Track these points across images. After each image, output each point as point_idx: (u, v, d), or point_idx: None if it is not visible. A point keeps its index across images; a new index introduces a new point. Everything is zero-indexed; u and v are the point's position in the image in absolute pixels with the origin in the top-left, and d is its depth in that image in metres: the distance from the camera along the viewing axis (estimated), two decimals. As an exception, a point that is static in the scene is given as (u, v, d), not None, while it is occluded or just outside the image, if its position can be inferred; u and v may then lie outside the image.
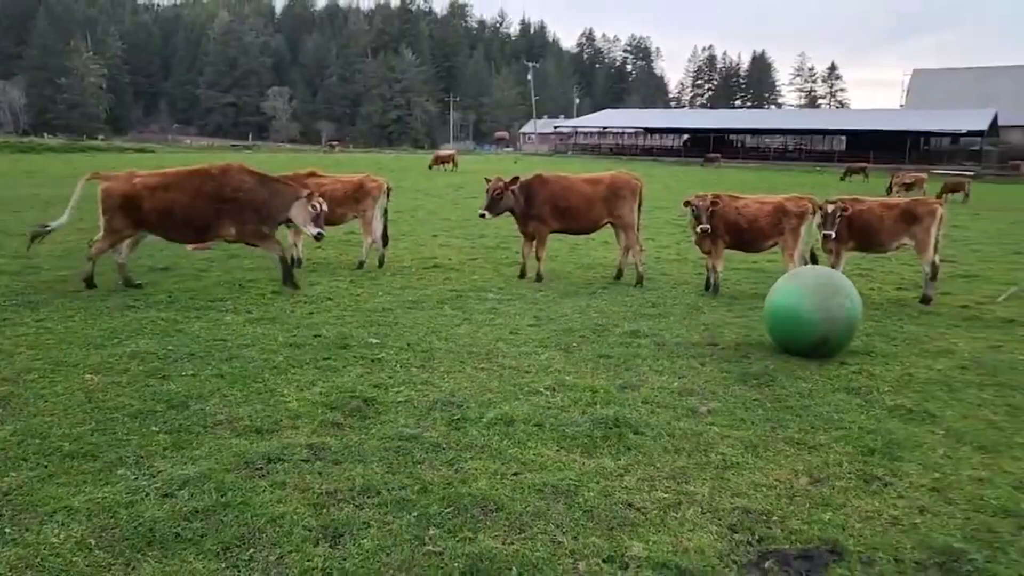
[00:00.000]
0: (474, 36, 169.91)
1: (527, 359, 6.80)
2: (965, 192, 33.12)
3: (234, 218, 8.93)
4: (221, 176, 8.96)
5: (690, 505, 4.11)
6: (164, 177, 8.97)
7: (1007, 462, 4.85)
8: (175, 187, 8.85)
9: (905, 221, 10.17)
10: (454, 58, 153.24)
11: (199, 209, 8.83)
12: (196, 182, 8.92)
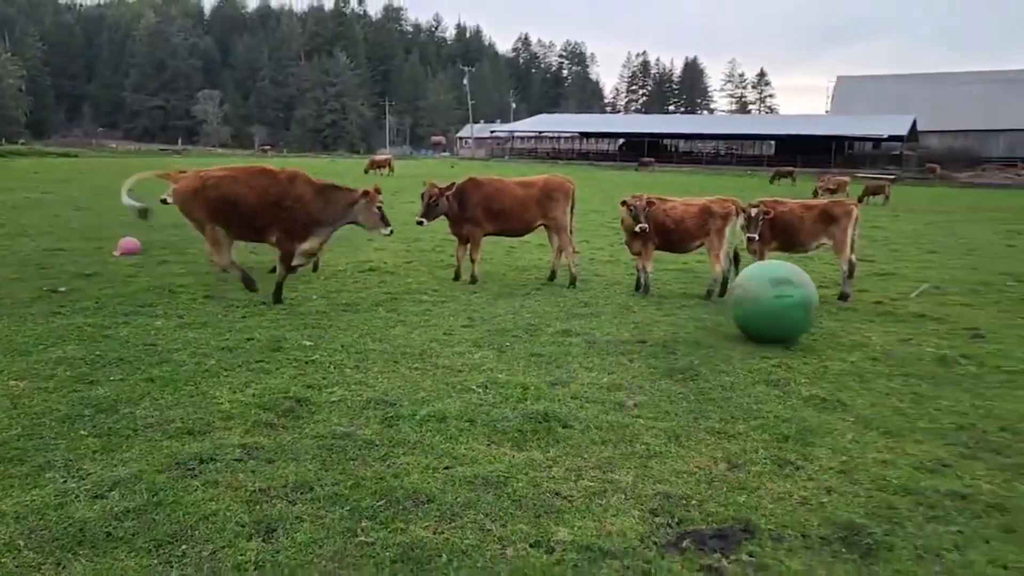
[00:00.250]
0: (409, 40, 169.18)
1: (460, 358, 6.92)
2: (885, 194, 34.52)
3: (284, 227, 8.78)
4: (288, 184, 8.80)
5: (615, 492, 4.29)
6: (230, 170, 8.99)
7: (910, 445, 5.18)
8: (242, 182, 8.77)
9: (823, 222, 10.64)
10: (389, 62, 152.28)
11: (262, 210, 8.71)
12: (263, 182, 8.81)
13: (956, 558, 3.70)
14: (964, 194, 47.21)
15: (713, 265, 10.37)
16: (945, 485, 4.50)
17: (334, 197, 8.91)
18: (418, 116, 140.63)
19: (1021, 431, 5.51)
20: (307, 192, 8.79)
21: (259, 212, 8.67)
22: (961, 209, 32.33)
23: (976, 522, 4.07)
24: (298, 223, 8.75)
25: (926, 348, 7.94)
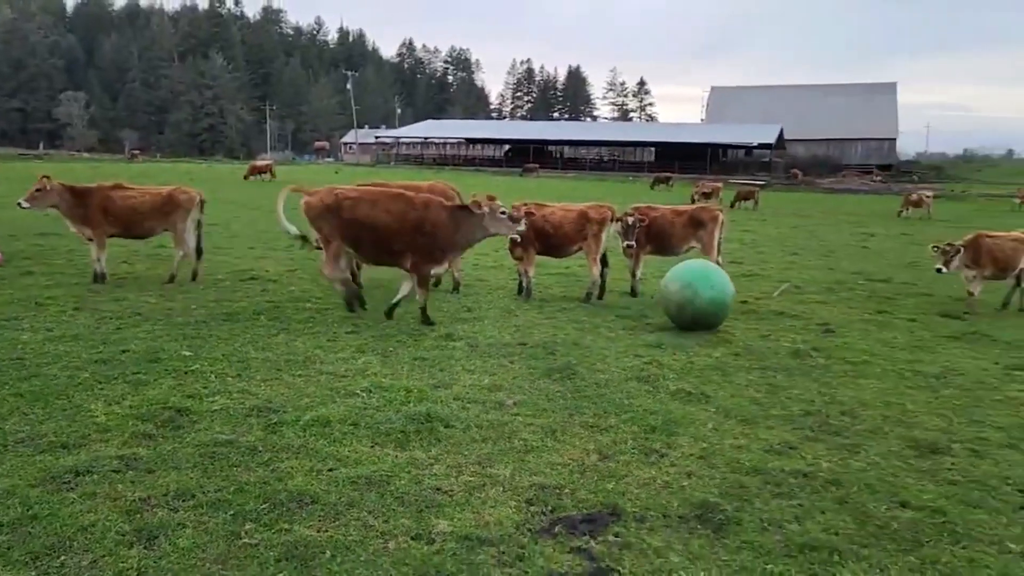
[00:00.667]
0: (290, 43, 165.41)
1: (344, 364, 7.01)
2: (755, 200, 36.45)
3: (422, 252, 8.71)
4: (424, 209, 8.74)
5: (493, 485, 4.53)
6: (365, 192, 9.02)
7: (762, 431, 5.66)
8: (379, 206, 8.74)
9: (692, 226, 11.30)
10: (269, 65, 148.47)
11: (400, 235, 8.66)
12: (401, 207, 8.76)
13: (796, 528, 4.12)
14: (826, 199, 50.36)
15: (591, 268, 10.81)
16: (791, 465, 4.98)
17: (466, 219, 8.84)
18: (300, 121, 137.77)
19: (859, 415, 6.11)
20: (442, 217, 8.76)
21: (396, 237, 8.65)
22: (822, 213, 34.52)
23: (815, 496, 4.54)
24: (436, 247, 8.75)
25: (783, 342, 8.59)
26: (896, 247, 20.40)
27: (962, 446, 5.47)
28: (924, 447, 5.41)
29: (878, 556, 3.87)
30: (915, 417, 6.11)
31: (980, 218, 32.19)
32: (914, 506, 4.41)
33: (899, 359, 8.02)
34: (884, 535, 4.08)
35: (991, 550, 3.96)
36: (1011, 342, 8.96)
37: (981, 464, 5.15)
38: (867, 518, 4.26)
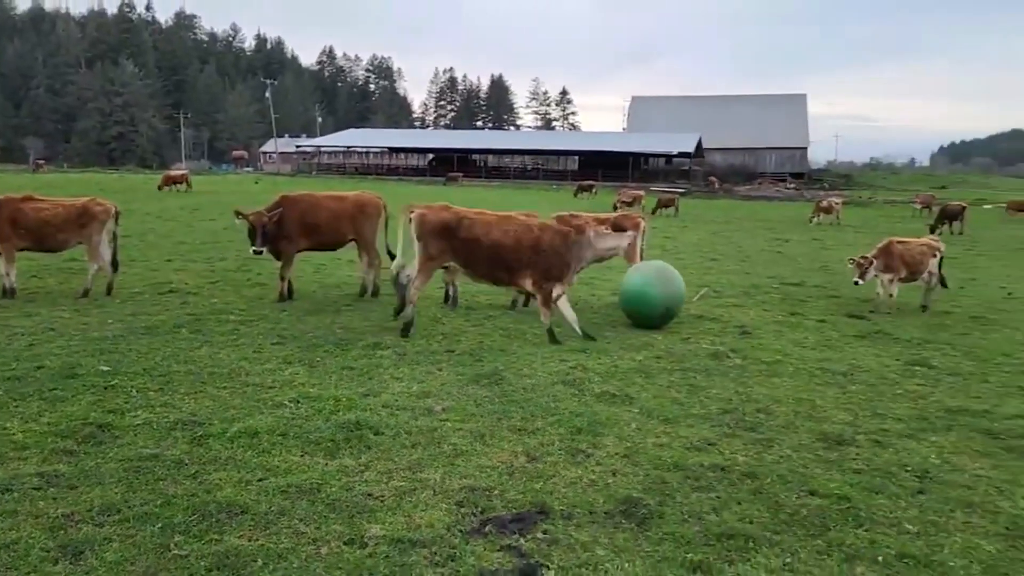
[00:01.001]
0: (205, 49, 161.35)
1: (271, 376, 6.97)
2: (675, 207, 37.39)
3: (541, 271, 8.87)
4: (540, 231, 8.99)
5: (424, 489, 4.61)
6: (482, 214, 9.22)
7: (683, 429, 5.89)
8: (496, 227, 8.96)
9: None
10: (183, 72, 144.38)
11: (519, 255, 8.85)
12: (517, 228, 9.00)
13: (714, 518, 4.34)
14: (743, 206, 51.96)
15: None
16: (709, 460, 5.21)
17: (577, 240, 9.09)
18: (217, 129, 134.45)
19: (773, 411, 6.42)
20: (557, 238, 8.98)
21: (515, 256, 8.82)
22: (739, 219, 35.64)
23: (732, 488, 4.77)
24: (553, 267, 8.92)
25: (702, 345, 8.91)
26: (808, 252, 21.25)
27: (866, 437, 5.81)
28: (832, 439, 5.73)
29: (789, 541, 4.11)
30: (824, 412, 6.46)
31: (885, 223, 33.84)
32: (822, 494, 4.69)
33: (810, 358, 8.42)
34: (795, 522, 4.33)
35: (891, 531, 4.25)
36: (911, 340, 9.50)
37: (883, 453, 5.49)
38: (779, 507, 4.51)
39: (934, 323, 10.76)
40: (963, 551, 4.06)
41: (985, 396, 7.11)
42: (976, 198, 62.15)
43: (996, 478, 5.09)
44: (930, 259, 11.55)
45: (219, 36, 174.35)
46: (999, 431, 6.03)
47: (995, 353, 8.91)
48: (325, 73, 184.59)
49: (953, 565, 3.91)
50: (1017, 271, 17.50)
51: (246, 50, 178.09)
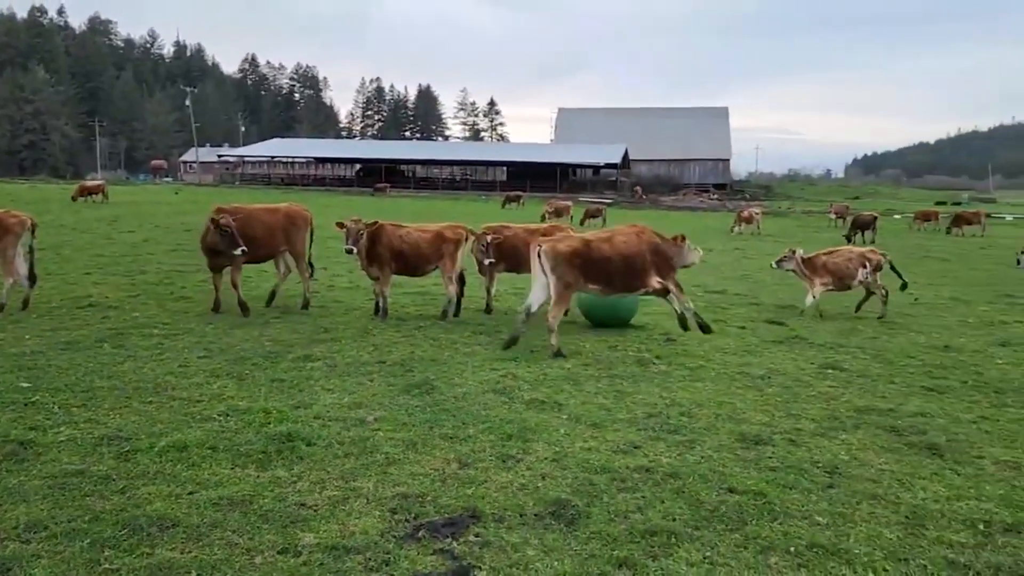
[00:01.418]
0: (121, 56, 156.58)
1: (199, 390, 6.90)
2: (602, 217, 38.04)
3: (662, 268, 9.67)
4: (649, 234, 9.85)
5: (357, 498, 4.67)
6: (603, 232, 10.11)
7: (610, 433, 6.09)
8: (615, 239, 9.58)
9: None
10: (98, 78, 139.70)
11: (641, 258, 9.53)
12: (631, 234, 9.73)
13: (639, 517, 4.52)
14: (668, 216, 53.14)
15: (447, 287, 11.07)
16: (635, 462, 5.41)
17: (673, 247, 9.98)
18: (135, 138, 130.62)
19: (695, 414, 6.67)
20: (665, 242, 9.91)
21: (640, 260, 9.54)
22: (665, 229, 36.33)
23: (656, 488, 4.97)
24: (669, 262, 9.80)
25: (629, 352, 9.17)
26: (730, 261, 21.95)
27: (781, 437, 6.11)
28: (750, 439, 6.01)
29: (709, 536, 4.32)
30: (743, 413, 6.75)
31: (802, 232, 35.13)
32: (740, 491, 4.94)
33: (731, 363, 8.76)
34: (714, 517, 4.56)
35: (803, 523, 4.51)
36: (824, 344, 9.97)
37: (797, 451, 5.79)
38: (700, 504, 4.73)
39: (847, 328, 11.28)
40: (867, 539, 4.34)
41: (891, 396, 7.53)
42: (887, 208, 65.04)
43: (899, 471, 5.43)
44: (858, 268, 12.15)
45: (136, 42, 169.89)
46: (902, 428, 6.41)
47: (901, 356, 9.41)
48: (248, 81, 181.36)
49: (858, 552, 4.18)
50: (923, 278, 18.41)
51: (165, 57, 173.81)
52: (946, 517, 4.69)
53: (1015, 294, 15.42)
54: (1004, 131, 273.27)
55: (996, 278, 18.69)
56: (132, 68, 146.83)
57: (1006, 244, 28.99)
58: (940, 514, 4.73)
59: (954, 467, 5.58)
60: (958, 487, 5.18)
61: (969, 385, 8.04)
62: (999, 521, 4.64)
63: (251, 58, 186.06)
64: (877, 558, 4.14)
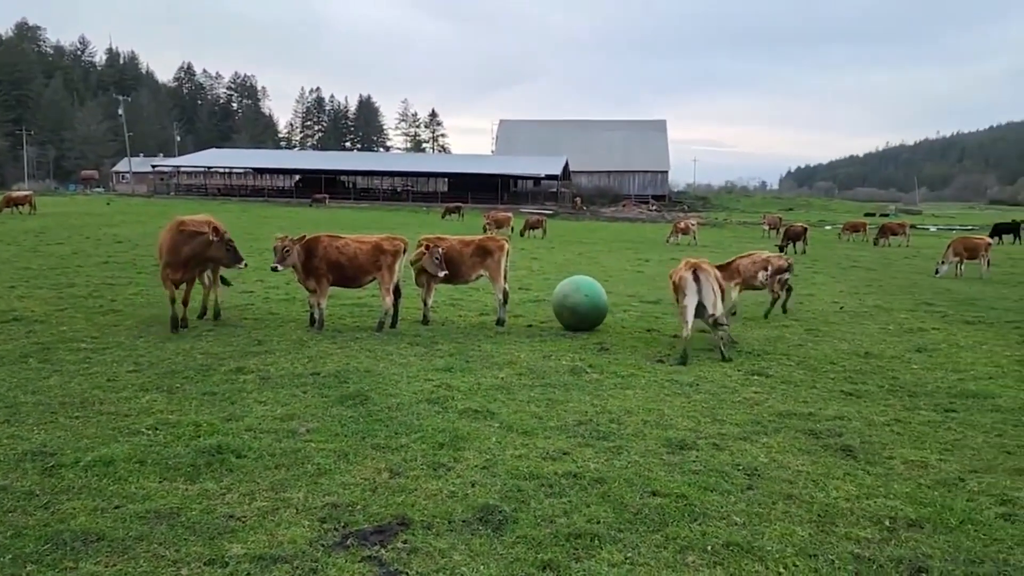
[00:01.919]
0: (50, 63, 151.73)
1: (127, 404, 6.81)
2: (543, 228, 38.36)
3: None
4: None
5: (286, 508, 4.70)
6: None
7: (540, 441, 6.22)
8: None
9: (480, 255, 11.91)
10: (25, 86, 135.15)
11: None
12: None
13: (564, 521, 4.66)
14: (607, 227, 53.88)
15: (384, 298, 11.10)
16: (563, 468, 5.55)
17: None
18: (64, 148, 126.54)
19: (624, 421, 6.85)
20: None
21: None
22: (604, 240, 36.96)
23: (582, 493, 5.12)
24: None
25: (562, 361, 9.33)
26: (667, 271, 22.27)
27: (706, 441, 6.33)
28: (675, 444, 6.21)
29: (631, 538, 4.47)
30: (671, 420, 6.96)
31: (737, 243, 35.95)
32: (663, 494, 5.11)
33: (661, 371, 8.99)
34: (637, 520, 4.72)
35: (720, 524, 4.70)
36: (752, 351, 10.30)
37: (719, 455, 6.00)
38: (624, 507, 4.89)
39: (774, 336, 11.66)
40: (781, 537, 4.55)
41: (811, 400, 7.84)
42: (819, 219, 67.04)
43: (814, 472, 5.68)
44: (760, 271, 12.95)
45: (67, 49, 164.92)
46: (820, 431, 6.70)
47: (824, 362, 9.78)
48: (184, 90, 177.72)
49: (771, 550, 4.38)
50: (850, 287, 19.10)
51: (97, 65, 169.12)
52: (855, 514, 4.94)
53: (933, 302, 16.11)
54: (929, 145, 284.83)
55: (917, 286, 19.48)
56: (62, 76, 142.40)
57: (928, 254, 30.20)
58: (850, 512, 4.98)
59: (866, 467, 5.86)
60: (868, 486, 5.45)
61: (885, 389, 8.41)
62: (904, 517, 4.91)
63: (187, 67, 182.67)
64: (788, 554, 4.34)
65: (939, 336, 11.92)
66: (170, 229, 10.45)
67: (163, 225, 10.95)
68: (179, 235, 10.28)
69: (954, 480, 5.60)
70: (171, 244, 10.30)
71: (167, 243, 10.37)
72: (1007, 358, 10.20)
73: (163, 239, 10.49)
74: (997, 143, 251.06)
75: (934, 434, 6.75)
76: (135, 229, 30.68)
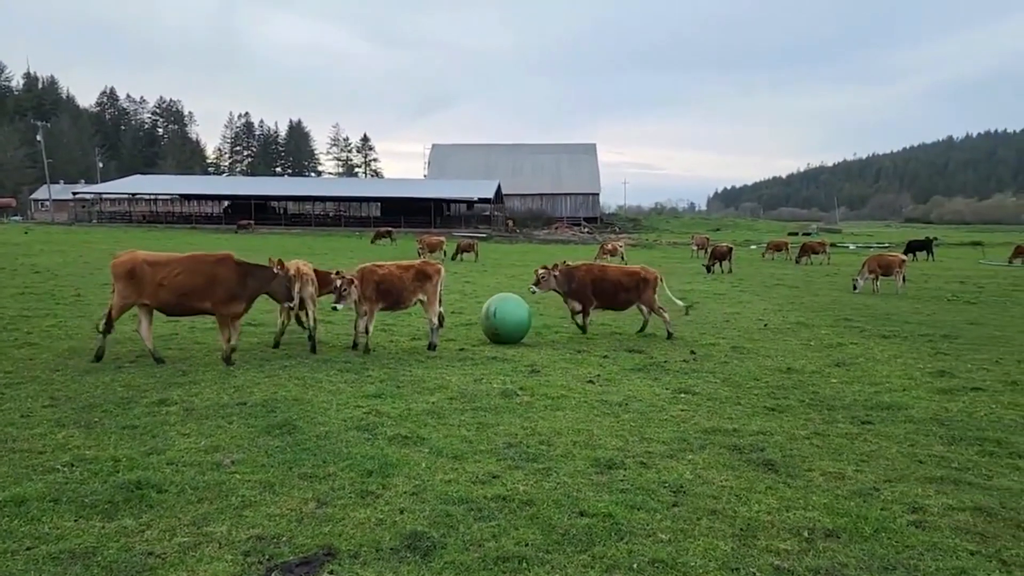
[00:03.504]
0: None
1: (42, 440, 6.57)
2: (475, 251, 38.47)
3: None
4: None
5: (209, 543, 4.59)
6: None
7: (470, 465, 6.22)
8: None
9: (419, 280, 11.89)
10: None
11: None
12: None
13: (493, 544, 4.67)
14: (540, 249, 54.29)
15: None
16: (492, 491, 5.56)
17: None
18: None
19: (554, 442, 6.91)
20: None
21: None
22: (538, 262, 36.93)
23: (511, 516, 5.14)
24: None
25: (494, 384, 9.36)
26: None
27: (634, 460, 6.43)
28: (604, 464, 6.29)
29: (559, 559, 4.51)
30: (599, 440, 7.04)
31: (667, 263, 36.66)
32: (590, 514, 5.17)
33: (591, 391, 9.10)
34: (565, 541, 4.76)
35: (647, 541, 4.78)
36: (679, 370, 10.51)
37: (647, 473, 6.10)
38: (552, 528, 4.93)
39: (702, 354, 11.93)
40: (704, 552, 4.65)
41: (736, 417, 8.04)
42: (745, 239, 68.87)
43: (737, 487, 5.82)
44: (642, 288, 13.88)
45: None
46: (744, 446, 6.88)
47: (748, 378, 10.05)
48: (106, 115, 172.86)
49: (695, 565, 4.47)
50: (774, 305, 19.67)
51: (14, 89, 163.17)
52: (776, 527, 5.08)
53: (852, 318, 16.72)
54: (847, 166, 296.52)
55: (837, 303, 20.18)
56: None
57: (848, 271, 31.29)
58: (771, 524, 5.12)
59: (787, 480, 6.04)
60: (788, 499, 5.62)
61: (806, 403, 8.68)
62: (821, 528, 5.07)
63: (110, 91, 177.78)
64: (712, 569, 4.44)
65: (857, 350, 12.37)
66: (221, 262, 10.41)
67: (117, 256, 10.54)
68: (237, 268, 10.38)
69: (869, 490, 5.81)
70: (237, 279, 10.31)
71: (227, 278, 10.30)
72: (920, 370, 10.65)
73: (219, 275, 10.29)
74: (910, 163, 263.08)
75: (851, 446, 7.00)
76: (54, 259, 29.61)
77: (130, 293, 10.12)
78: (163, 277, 10.10)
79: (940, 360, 11.50)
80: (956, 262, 42.01)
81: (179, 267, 10.23)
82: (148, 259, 10.25)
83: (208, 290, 10.19)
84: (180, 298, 10.19)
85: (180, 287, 10.14)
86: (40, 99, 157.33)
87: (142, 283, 10.08)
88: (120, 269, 10.19)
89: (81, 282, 20.94)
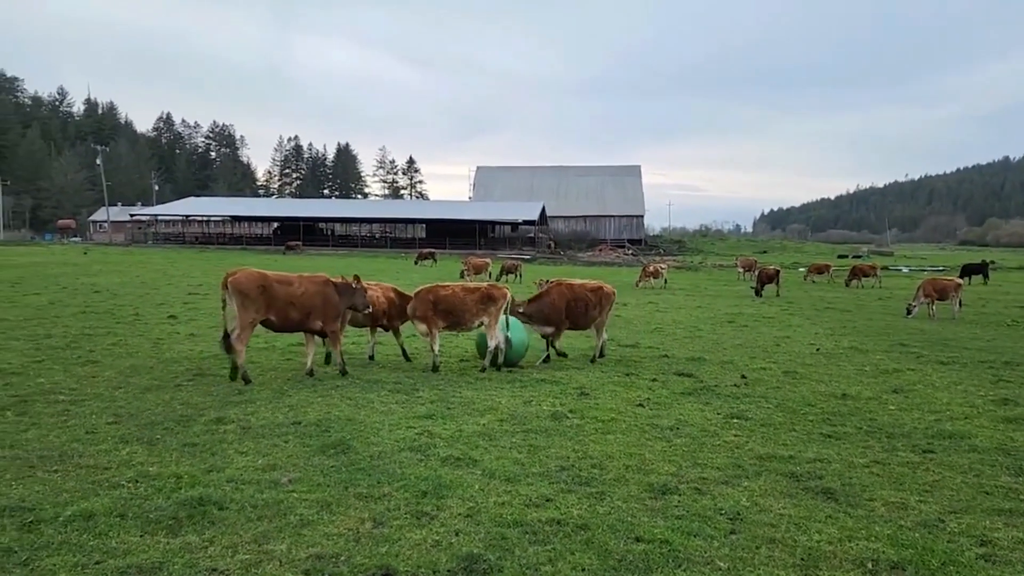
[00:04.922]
0: (28, 113, 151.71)
1: (107, 456, 6.74)
2: (518, 273, 38.57)
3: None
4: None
5: (270, 560, 4.67)
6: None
7: (523, 487, 6.23)
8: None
9: (484, 303, 11.95)
10: (3, 136, 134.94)
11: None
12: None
13: (549, 569, 4.66)
14: (584, 271, 54.14)
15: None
16: (547, 515, 5.56)
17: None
18: (41, 197, 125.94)
19: (606, 466, 6.88)
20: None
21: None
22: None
23: (566, 540, 5.12)
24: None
25: (543, 406, 9.36)
26: (643, 315, 22.50)
27: (688, 486, 6.37)
28: (658, 489, 6.24)
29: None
30: (652, 464, 6.99)
31: (712, 286, 36.30)
32: (646, 539, 5.13)
33: (641, 415, 9.04)
34: (622, 566, 4.73)
35: (705, 569, 4.73)
36: (730, 395, 10.38)
37: (702, 499, 6.04)
38: (608, 554, 4.91)
39: (753, 378, 11.77)
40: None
41: (791, 443, 7.91)
42: (793, 261, 67.87)
43: (796, 516, 5.73)
44: (602, 310, 14.01)
45: (44, 99, 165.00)
46: (800, 474, 6.77)
47: (802, 404, 9.88)
48: (162, 140, 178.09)
49: (755, 593, 4.41)
50: (825, 329, 19.33)
51: (75, 115, 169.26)
52: (838, 557, 4.98)
53: (908, 343, 16.35)
54: (898, 187, 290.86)
55: (891, 328, 19.75)
56: (39, 126, 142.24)
57: (901, 295, 30.65)
58: (833, 555, 5.02)
59: (847, 510, 5.92)
60: (850, 529, 5.50)
61: (864, 431, 8.50)
62: (886, 559, 4.96)
63: (166, 116, 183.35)
64: (772, 598, 4.37)
65: (915, 377, 12.09)
66: (314, 282, 10.92)
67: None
68: (329, 289, 10.95)
69: (934, 521, 5.67)
70: (339, 297, 11.03)
71: (323, 299, 10.88)
72: (982, 398, 10.37)
73: (328, 294, 10.93)
74: (964, 184, 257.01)
75: (913, 475, 6.83)
76: (112, 279, 30.48)
77: (259, 309, 10.31)
78: (291, 295, 10.50)
79: (1003, 388, 11.18)
80: (1015, 286, 40.81)
81: (301, 286, 10.67)
82: (276, 277, 10.65)
83: (323, 308, 10.82)
84: (303, 316, 10.67)
85: (306, 306, 10.63)
86: (100, 124, 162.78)
87: (273, 300, 10.37)
88: (248, 285, 10.21)
89: (139, 302, 21.51)
